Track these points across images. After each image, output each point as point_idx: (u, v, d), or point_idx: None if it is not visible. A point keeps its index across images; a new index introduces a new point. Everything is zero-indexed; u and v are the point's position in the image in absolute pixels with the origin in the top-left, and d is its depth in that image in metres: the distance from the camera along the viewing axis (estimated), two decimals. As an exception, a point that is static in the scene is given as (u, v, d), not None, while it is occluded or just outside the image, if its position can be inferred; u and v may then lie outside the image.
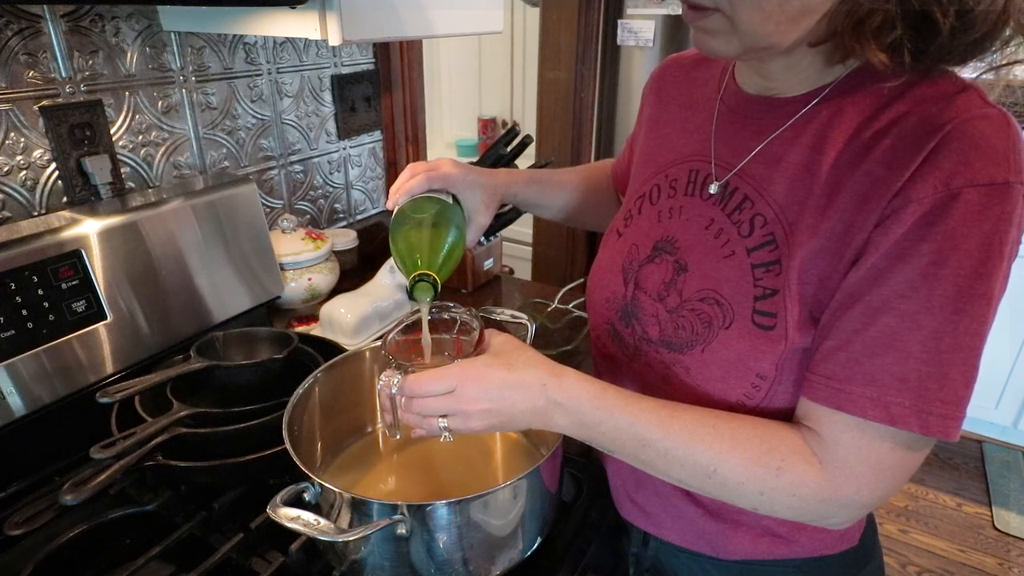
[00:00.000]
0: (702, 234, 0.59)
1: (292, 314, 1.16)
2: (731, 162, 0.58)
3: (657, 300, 0.61)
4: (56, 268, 0.78)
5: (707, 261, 0.58)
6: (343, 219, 1.42)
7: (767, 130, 0.56)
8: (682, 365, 0.58)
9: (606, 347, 0.69)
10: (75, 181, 0.91)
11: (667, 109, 0.70)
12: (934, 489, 2.17)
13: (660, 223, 0.63)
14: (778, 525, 0.63)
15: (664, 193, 0.64)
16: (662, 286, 0.61)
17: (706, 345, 0.56)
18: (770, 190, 0.54)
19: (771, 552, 0.64)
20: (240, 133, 1.14)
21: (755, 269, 0.54)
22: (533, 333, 0.83)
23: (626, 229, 0.68)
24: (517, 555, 0.63)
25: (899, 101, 0.49)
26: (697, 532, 0.66)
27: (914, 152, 0.46)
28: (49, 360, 0.77)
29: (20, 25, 0.82)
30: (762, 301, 0.53)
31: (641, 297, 0.63)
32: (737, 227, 0.56)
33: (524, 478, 0.58)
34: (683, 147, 0.65)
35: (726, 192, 0.58)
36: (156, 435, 0.68)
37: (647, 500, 0.69)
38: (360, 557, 0.59)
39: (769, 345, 0.53)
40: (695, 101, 0.66)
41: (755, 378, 0.55)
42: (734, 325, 0.55)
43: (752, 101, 0.58)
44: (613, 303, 0.67)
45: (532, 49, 2.64)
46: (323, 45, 1.26)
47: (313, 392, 0.71)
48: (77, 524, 0.68)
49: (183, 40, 1.01)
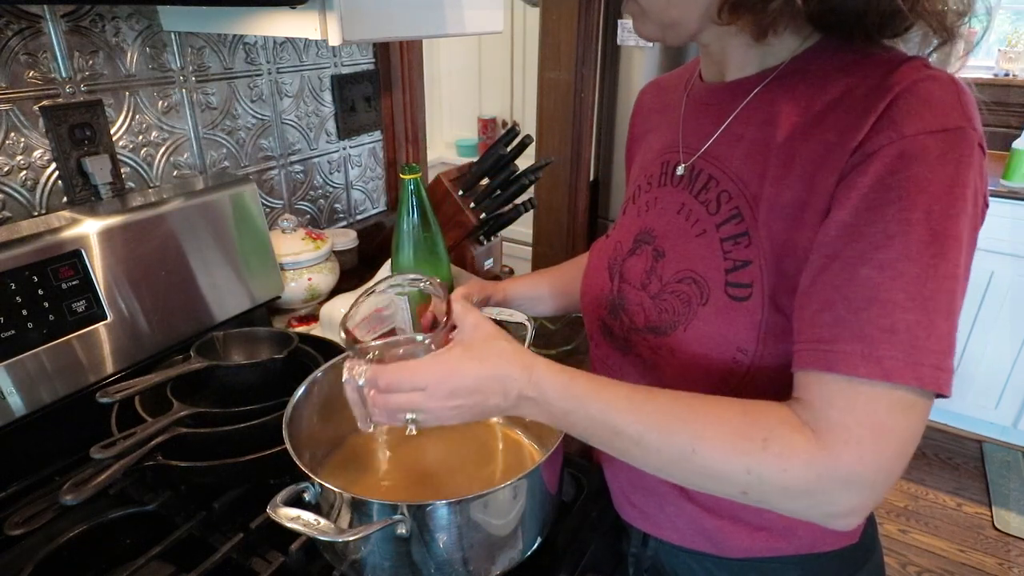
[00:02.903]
0: (675, 219, 0.61)
1: (292, 314, 1.16)
2: (696, 147, 0.61)
3: (640, 289, 0.63)
4: (56, 268, 0.78)
5: (680, 243, 0.60)
6: (343, 219, 1.42)
7: (726, 112, 0.59)
8: (667, 348, 0.59)
9: (600, 345, 0.70)
10: (75, 181, 0.91)
11: (647, 121, 0.74)
12: (934, 489, 2.17)
13: (639, 217, 0.66)
14: (776, 519, 0.62)
15: (643, 189, 0.67)
16: (643, 274, 0.63)
17: (687, 324, 0.57)
18: (731, 167, 0.57)
19: (770, 548, 0.64)
20: (240, 133, 1.14)
21: (724, 243, 0.56)
22: (533, 333, 0.83)
23: (613, 231, 0.71)
24: (517, 555, 0.63)
25: (846, 76, 0.51)
26: (696, 530, 0.66)
27: (866, 114, 0.48)
28: (49, 360, 0.77)
29: (20, 25, 0.82)
30: (734, 273, 0.55)
31: (625, 289, 0.65)
32: (705, 206, 0.58)
33: (524, 478, 0.58)
34: (659, 145, 0.68)
35: (692, 175, 0.61)
36: (156, 435, 0.68)
37: (645, 501, 0.69)
38: (360, 557, 0.59)
39: (746, 316, 0.54)
40: (667, 106, 0.70)
41: (736, 352, 0.55)
42: (710, 300, 0.56)
43: (712, 89, 0.62)
44: (601, 300, 0.68)
45: (532, 49, 2.64)
46: (323, 45, 1.26)
47: (313, 392, 0.71)
48: (77, 524, 0.68)
49: (183, 40, 1.01)
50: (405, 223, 0.89)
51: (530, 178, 1.16)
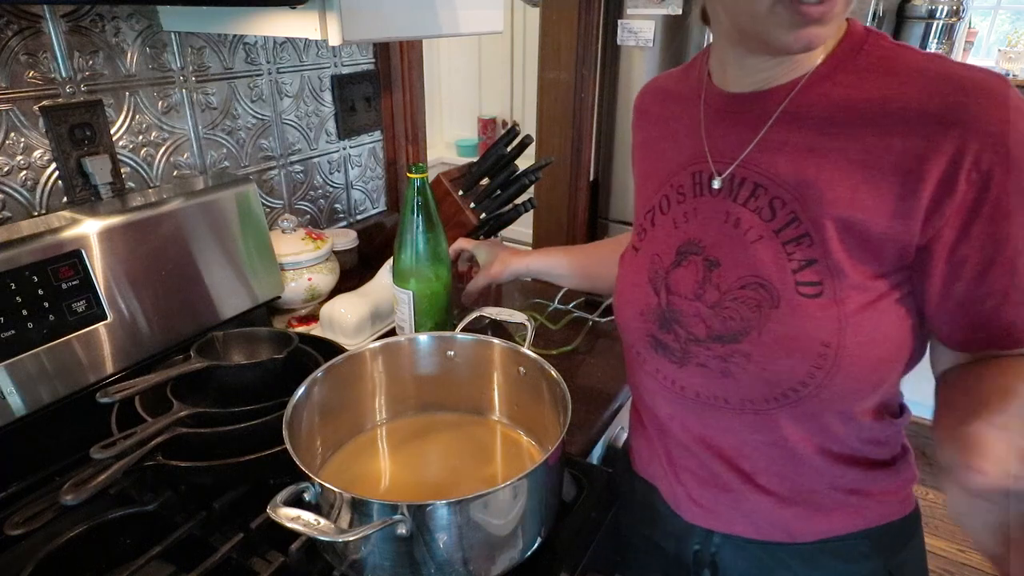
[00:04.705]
0: (722, 228, 0.61)
1: (292, 314, 1.16)
2: (731, 156, 0.61)
3: (695, 299, 0.62)
4: (56, 268, 0.78)
5: (736, 251, 0.60)
6: (343, 219, 1.42)
7: (761, 120, 0.59)
8: (741, 353, 0.59)
9: (647, 360, 0.69)
10: (75, 181, 0.91)
11: (655, 127, 0.73)
12: (934, 489, 2.17)
13: (678, 229, 0.65)
14: (848, 496, 0.65)
15: (674, 200, 0.66)
16: (696, 285, 0.62)
17: (761, 328, 0.58)
18: (779, 173, 0.58)
19: (846, 526, 0.66)
20: (240, 133, 1.14)
21: (786, 246, 0.57)
22: (533, 333, 0.83)
23: (642, 243, 0.69)
24: (517, 555, 0.63)
25: (884, 74, 0.54)
26: (771, 522, 0.67)
27: (942, 114, 0.50)
28: (49, 360, 0.77)
29: (20, 25, 0.82)
30: (801, 272, 0.56)
31: (676, 301, 0.64)
32: (757, 213, 0.59)
33: (524, 478, 0.58)
34: (679, 155, 0.67)
35: (733, 184, 0.61)
36: (156, 435, 0.68)
37: (714, 500, 0.69)
38: (360, 557, 0.59)
39: (822, 311, 0.55)
40: (678, 114, 0.69)
41: (820, 347, 0.56)
42: (782, 302, 0.57)
43: (738, 98, 0.62)
44: (648, 314, 0.67)
45: (532, 49, 2.64)
46: (323, 45, 1.26)
47: (313, 392, 0.71)
48: (77, 524, 0.68)
49: (183, 40, 1.01)
50: (409, 222, 0.90)
51: (530, 178, 1.16)
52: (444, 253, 0.93)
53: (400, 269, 0.93)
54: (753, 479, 0.66)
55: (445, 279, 0.94)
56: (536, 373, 0.75)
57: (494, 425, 0.83)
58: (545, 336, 1.13)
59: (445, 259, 0.94)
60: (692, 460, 0.69)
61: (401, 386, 0.82)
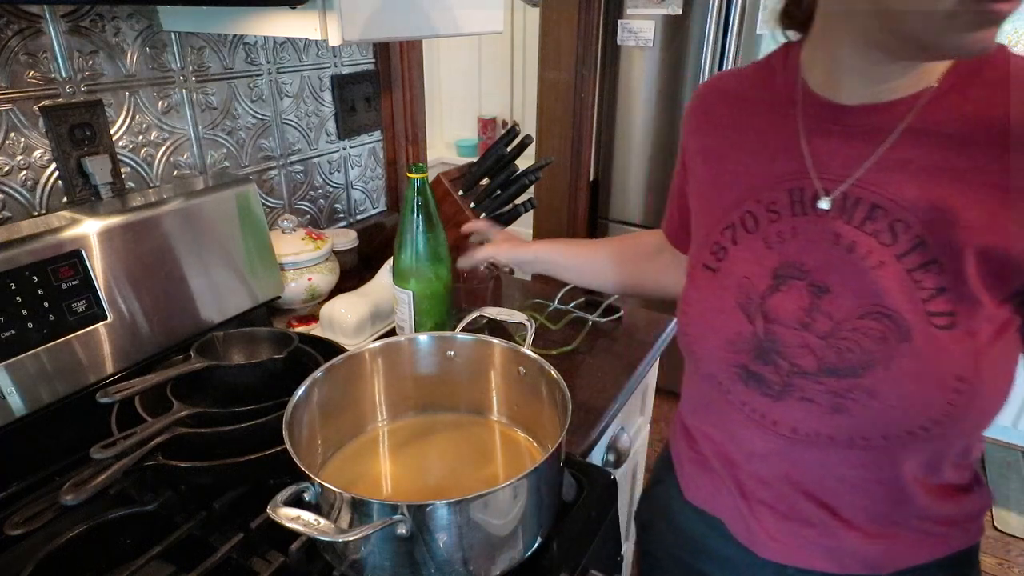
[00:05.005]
0: (832, 251, 0.56)
1: (292, 314, 1.16)
2: (841, 174, 0.56)
3: (801, 329, 0.57)
4: (56, 268, 0.78)
5: (851, 277, 0.55)
6: (343, 219, 1.42)
7: (880, 135, 0.55)
8: (862, 389, 0.55)
9: (732, 392, 0.63)
10: (75, 181, 0.91)
11: (724, 134, 0.66)
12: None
13: (771, 249, 0.60)
14: (935, 525, 0.62)
15: (764, 219, 0.60)
16: (801, 313, 0.57)
17: (888, 363, 0.53)
18: (901, 194, 0.53)
19: (929, 554, 0.64)
20: (240, 133, 1.14)
21: (912, 273, 0.53)
22: (533, 333, 0.83)
23: (721, 263, 0.63)
24: (517, 555, 0.63)
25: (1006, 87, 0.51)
26: (854, 556, 0.64)
27: None
28: (49, 360, 0.77)
29: (20, 25, 0.82)
30: (932, 302, 0.52)
31: (778, 330, 0.59)
32: (875, 237, 0.54)
33: (524, 478, 0.58)
34: (767, 168, 0.61)
35: (846, 204, 0.56)
36: (156, 435, 0.68)
37: (793, 535, 0.66)
38: (360, 557, 0.59)
39: (956, 343, 0.51)
40: (758, 121, 0.63)
41: (955, 382, 0.52)
42: (913, 335, 0.52)
43: (851, 111, 0.56)
44: (740, 344, 0.61)
45: (532, 49, 2.65)
46: (323, 45, 1.26)
47: (313, 392, 0.71)
48: (77, 524, 0.68)
49: (183, 40, 1.01)
50: (409, 222, 0.90)
51: (530, 178, 1.16)
52: (444, 253, 0.93)
53: (400, 269, 0.93)
54: (838, 513, 0.62)
55: (445, 279, 0.94)
56: (536, 373, 0.75)
57: (494, 425, 0.83)
58: (545, 336, 1.13)
59: (445, 259, 0.94)
60: (770, 494, 0.65)
61: (401, 386, 0.82)
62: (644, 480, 1.33)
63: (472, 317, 0.92)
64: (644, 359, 1.07)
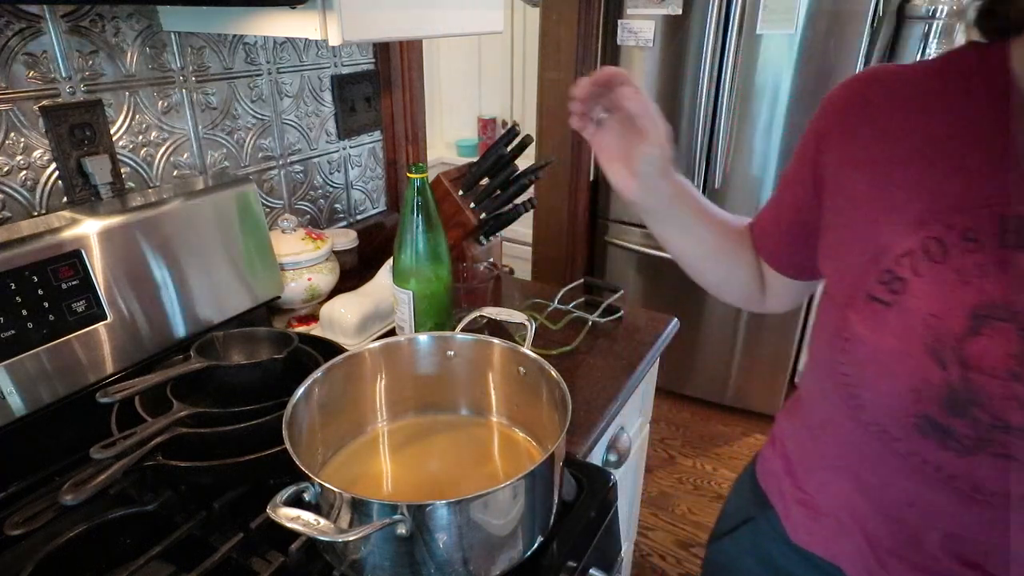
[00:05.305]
0: None
1: (292, 314, 1.16)
2: None
3: (1011, 379, 0.49)
4: (56, 268, 0.78)
5: None
6: (343, 219, 1.42)
7: None
8: None
9: (903, 441, 0.56)
10: (75, 181, 0.91)
11: (891, 143, 0.56)
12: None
13: (968, 285, 0.51)
14: None
15: (956, 248, 0.51)
16: (1010, 360, 0.49)
17: None
18: None
19: None
20: (240, 133, 1.14)
21: None
22: (533, 333, 0.83)
23: (898, 296, 0.54)
24: (517, 555, 0.63)
25: None
26: None
27: None
28: (49, 360, 0.77)
29: (20, 25, 0.82)
30: None
31: (979, 379, 0.50)
32: None
33: (524, 478, 0.58)
34: (966, 188, 0.52)
35: None
36: (156, 435, 0.68)
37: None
38: (360, 557, 0.59)
39: None
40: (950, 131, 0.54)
41: None
42: None
43: None
44: (927, 392, 0.53)
45: (532, 49, 2.64)
46: (323, 45, 1.26)
47: (313, 392, 0.71)
48: (77, 524, 0.68)
49: (183, 40, 1.01)
50: (409, 222, 0.90)
51: (530, 178, 1.16)
52: (444, 253, 0.93)
53: (400, 269, 0.93)
54: (983, 567, 0.57)
55: (445, 279, 0.94)
56: (536, 373, 0.75)
57: (494, 425, 0.83)
58: (545, 336, 1.13)
59: (445, 259, 0.94)
60: (909, 548, 0.59)
61: (401, 386, 0.82)
62: (644, 480, 1.33)
63: (472, 317, 0.92)
64: (644, 359, 1.07)
